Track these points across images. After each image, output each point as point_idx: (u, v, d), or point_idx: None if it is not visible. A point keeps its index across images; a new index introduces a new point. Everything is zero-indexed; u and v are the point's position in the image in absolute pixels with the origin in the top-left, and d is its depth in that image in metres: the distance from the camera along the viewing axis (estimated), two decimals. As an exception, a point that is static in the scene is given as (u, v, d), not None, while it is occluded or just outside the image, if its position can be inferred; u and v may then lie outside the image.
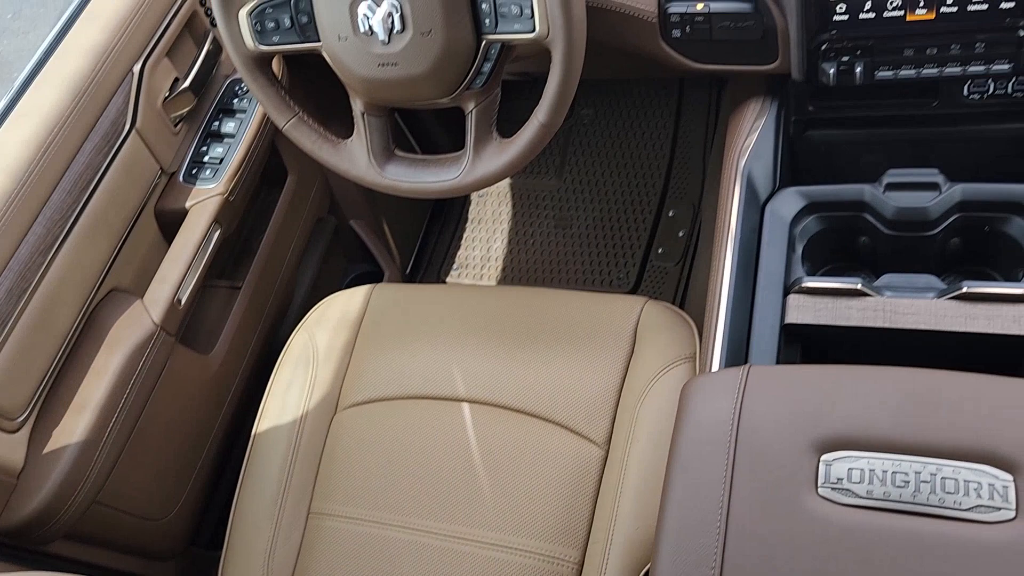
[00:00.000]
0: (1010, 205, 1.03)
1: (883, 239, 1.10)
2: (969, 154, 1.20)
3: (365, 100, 1.12)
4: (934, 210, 1.06)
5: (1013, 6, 0.98)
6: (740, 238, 1.10)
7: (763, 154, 1.17)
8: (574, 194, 1.97)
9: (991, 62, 1.04)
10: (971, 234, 1.08)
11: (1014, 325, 0.94)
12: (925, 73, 1.07)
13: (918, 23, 1.03)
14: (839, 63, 1.09)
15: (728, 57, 1.17)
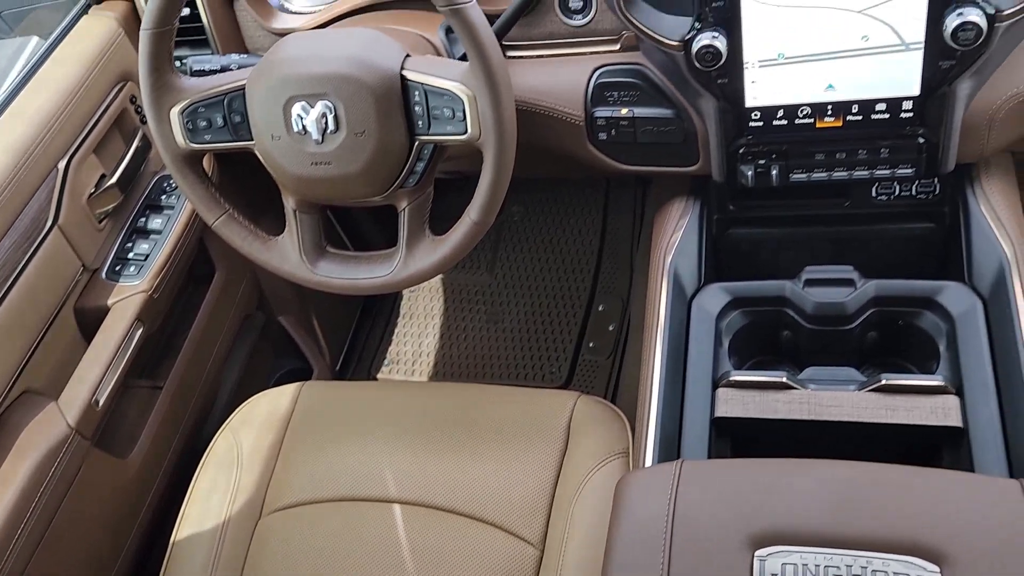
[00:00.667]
0: (920, 300, 1.08)
1: (805, 333, 1.14)
2: (881, 251, 1.26)
3: (297, 198, 1.12)
4: (850, 305, 1.10)
5: (912, 115, 1.05)
6: (668, 333, 1.12)
7: (688, 251, 1.21)
8: (506, 289, 1.99)
9: (895, 166, 1.11)
10: (886, 328, 1.12)
11: (931, 416, 0.97)
12: (836, 176, 1.13)
13: (827, 130, 1.09)
14: (756, 166, 1.15)
15: (652, 159, 1.22)
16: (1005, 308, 1.02)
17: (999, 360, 0.99)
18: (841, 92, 1.06)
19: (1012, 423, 0.93)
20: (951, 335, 1.05)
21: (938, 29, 0.97)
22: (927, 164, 1.09)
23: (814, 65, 1.04)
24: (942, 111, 1.04)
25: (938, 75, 1.01)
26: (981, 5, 0.95)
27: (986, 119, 1.07)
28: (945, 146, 1.07)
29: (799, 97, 1.08)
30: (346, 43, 1.03)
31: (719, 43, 1.03)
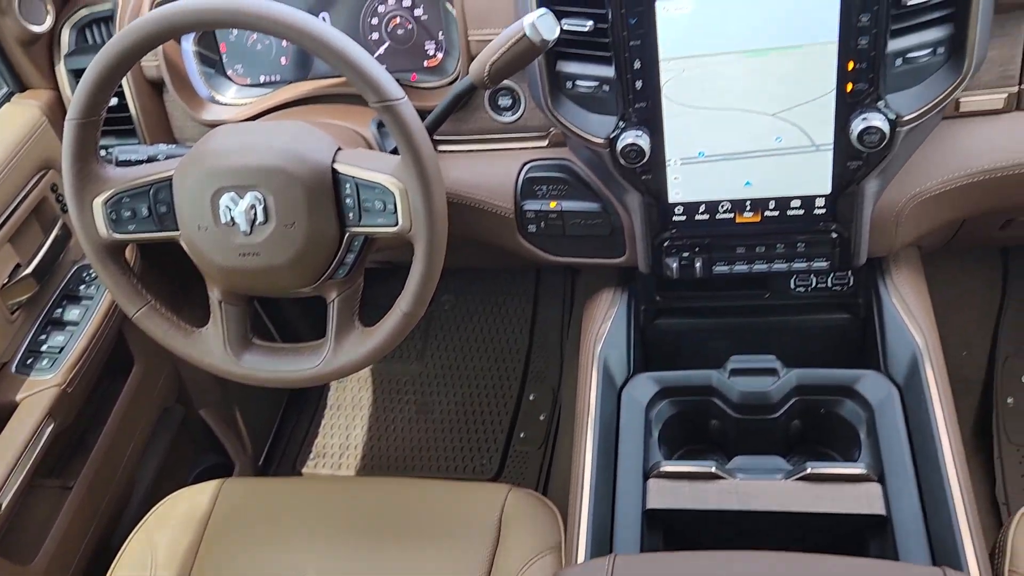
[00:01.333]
0: (840, 389, 1.11)
1: (732, 422, 1.15)
2: (802, 341, 1.30)
3: (223, 288, 1.10)
4: (774, 394, 1.12)
5: (825, 212, 1.10)
6: (599, 424, 1.12)
7: (617, 341, 1.23)
8: (436, 379, 1.97)
9: (811, 260, 1.15)
10: (810, 416, 1.15)
11: (856, 504, 0.99)
12: (756, 268, 1.17)
13: (747, 224, 1.14)
14: (681, 258, 1.18)
15: (580, 251, 1.24)
16: (920, 396, 1.05)
17: (917, 447, 1.02)
18: (758, 189, 1.11)
19: (932, 511, 0.95)
20: (871, 423, 1.08)
21: (845, 132, 1.03)
22: (841, 258, 1.14)
23: (733, 163, 1.09)
24: (852, 208, 1.10)
25: (847, 175, 1.07)
26: (883, 111, 1.01)
27: (893, 216, 1.12)
28: (856, 241, 1.12)
29: (719, 193, 1.12)
30: (277, 135, 1.04)
31: (643, 142, 1.07)
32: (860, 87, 1.00)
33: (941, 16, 0.98)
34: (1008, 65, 1.06)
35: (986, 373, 1.71)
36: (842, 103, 1.02)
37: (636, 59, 1.04)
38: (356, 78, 0.96)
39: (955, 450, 0.99)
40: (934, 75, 1.01)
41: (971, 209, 1.16)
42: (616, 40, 1.03)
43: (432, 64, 1.25)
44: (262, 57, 1.30)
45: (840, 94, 1.01)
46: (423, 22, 1.22)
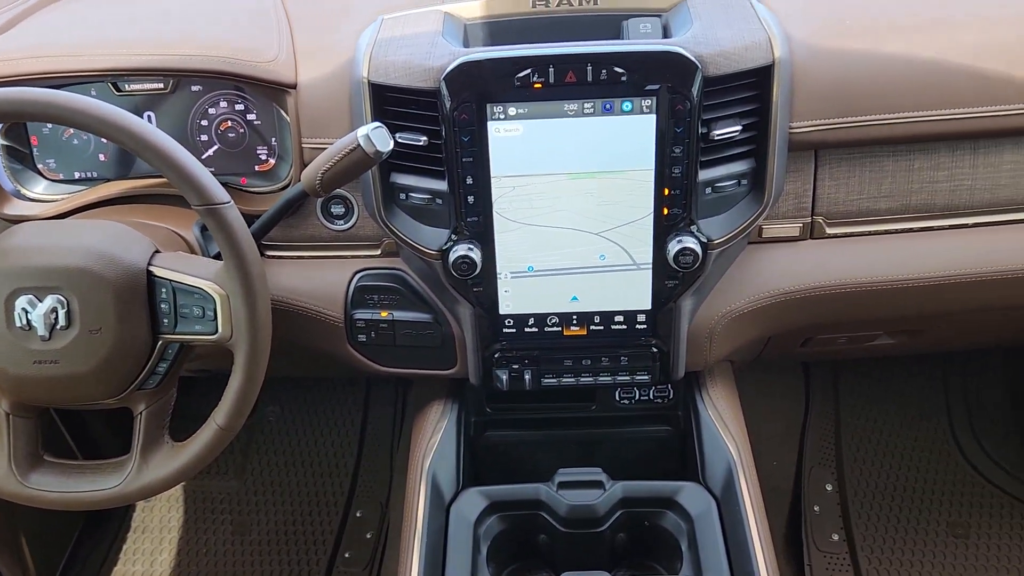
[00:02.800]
0: (662, 501, 1.14)
1: (560, 536, 1.15)
2: (627, 453, 1.33)
3: (13, 399, 0.99)
4: (601, 507, 1.13)
5: (645, 327, 1.15)
6: (426, 541, 1.08)
7: (446, 455, 1.21)
8: (256, 496, 1.85)
9: (634, 373, 1.19)
10: (635, 529, 1.16)
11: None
12: (583, 381, 1.20)
13: (573, 338, 1.17)
14: (511, 370, 1.19)
15: (411, 362, 1.23)
16: (735, 507, 1.10)
17: (733, 559, 1.05)
18: (584, 304, 1.15)
19: (750, 621, 0.97)
20: (692, 535, 1.10)
21: (663, 253, 1.10)
22: (661, 371, 1.19)
23: (560, 278, 1.13)
24: (670, 324, 1.16)
25: (665, 292, 1.13)
26: (696, 235, 1.09)
27: (707, 332, 1.19)
28: (675, 355, 1.18)
29: (548, 307, 1.15)
30: (86, 234, 0.97)
31: (474, 254, 1.09)
32: (675, 212, 1.08)
33: (743, 151, 1.08)
34: (803, 198, 1.17)
35: (794, 482, 1.81)
36: (659, 226, 1.08)
37: (468, 175, 1.06)
38: (178, 179, 0.92)
39: (768, 560, 1.02)
40: (739, 204, 1.10)
41: (775, 327, 1.25)
42: (449, 156, 1.06)
43: (264, 169, 1.23)
44: (78, 152, 1.23)
45: (657, 217, 1.08)
46: (256, 126, 1.21)
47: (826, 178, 1.17)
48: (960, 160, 1.16)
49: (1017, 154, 1.16)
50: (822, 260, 1.19)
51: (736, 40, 1.04)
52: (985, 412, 1.90)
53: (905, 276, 1.18)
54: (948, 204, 1.18)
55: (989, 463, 1.82)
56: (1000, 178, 1.16)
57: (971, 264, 1.18)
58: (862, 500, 1.77)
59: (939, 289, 1.19)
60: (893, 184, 1.17)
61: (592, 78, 1.02)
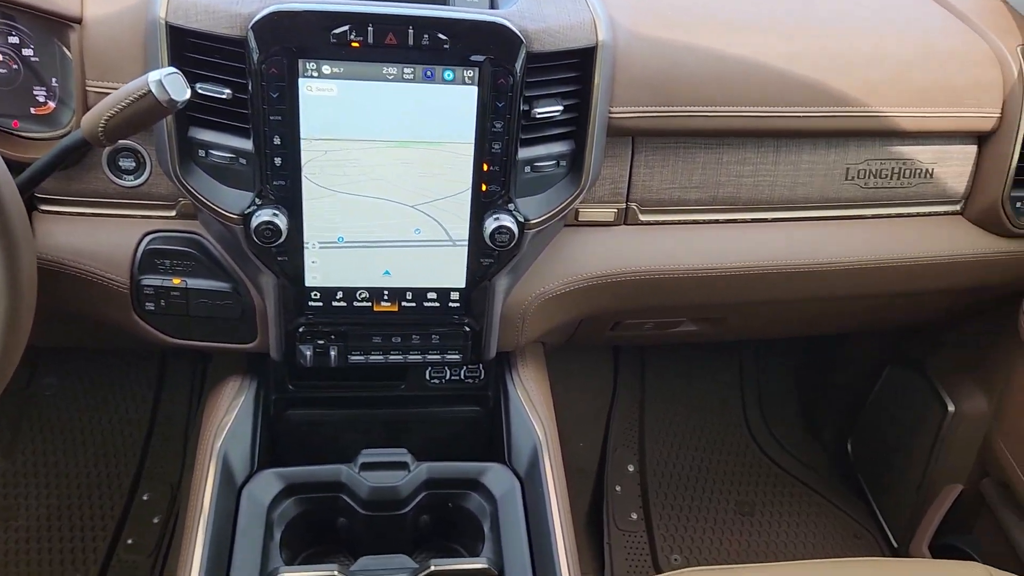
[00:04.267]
0: (467, 482, 1.12)
1: (360, 520, 1.10)
2: (435, 433, 1.30)
3: None
4: (404, 489, 1.10)
5: (459, 305, 1.13)
6: (213, 526, 1.00)
7: (240, 434, 1.13)
8: (25, 478, 1.67)
9: (445, 352, 1.17)
10: (438, 510, 1.14)
11: (478, 601, 0.98)
12: (392, 359, 1.16)
13: (384, 314, 1.12)
14: (315, 346, 1.13)
15: (206, 334, 1.14)
16: (539, 488, 1.09)
17: (534, 539, 1.04)
18: (397, 279, 1.10)
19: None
20: (494, 516, 1.09)
21: (479, 230, 1.07)
22: (472, 351, 1.17)
23: (372, 251, 1.07)
24: (484, 303, 1.13)
25: (480, 270, 1.10)
26: (514, 213, 1.07)
27: (520, 313, 1.18)
28: (487, 335, 1.16)
29: (358, 281, 1.09)
30: None
31: (279, 221, 1.02)
32: (493, 188, 1.05)
33: (563, 132, 1.07)
34: (619, 183, 1.18)
35: (599, 463, 1.86)
36: (477, 202, 1.06)
37: (276, 135, 0.99)
38: None
39: (567, 540, 1.03)
40: (557, 185, 1.09)
41: (587, 310, 1.26)
42: (255, 113, 0.98)
43: (42, 112, 1.08)
44: None
45: (475, 193, 1.05)
46: (32, 63, 1.06)
47: (641, 165, 1.18)
48: (764, 157, 1.21)
49: (814, 155, 1.22)
50: (634, 246, 1.21)
51: (561, 19, 1.03)
52: (774, 399, 2.03)
53: (709, 266, 1.22)
54: (751, 198, 1.23)
55: (776, 446, 1.95)
56: (799, 176, 1.23)
57: (768, 257, 1.24)
58: (660, 480, 1.84)
59: (739, 280, 1.24)
60: (703, 176, 1.20)
61: (414, 42, 0.97)
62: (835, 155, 1.23)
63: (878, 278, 1.30)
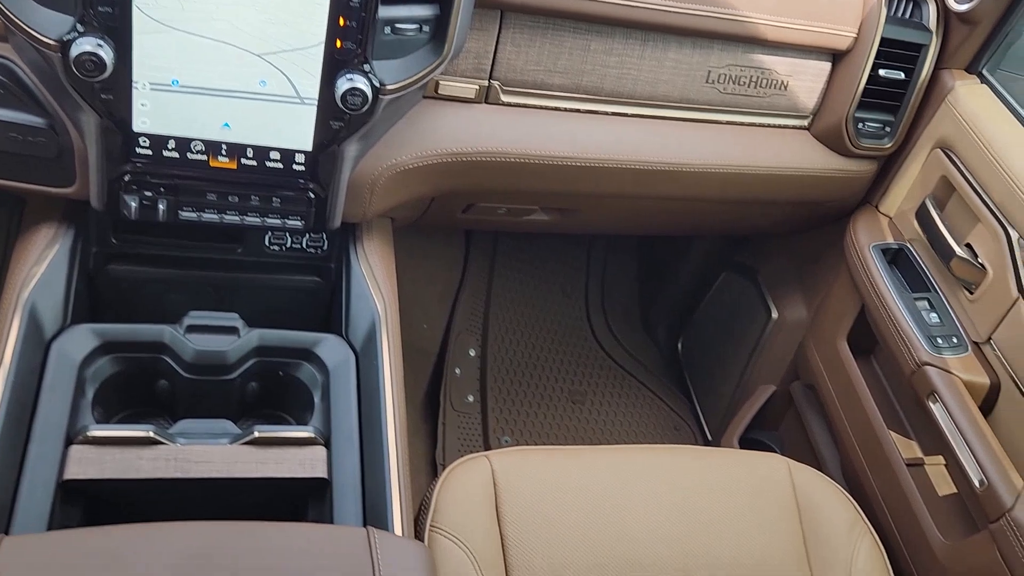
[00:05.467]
0: (300, 352, 1.09)
1: (183, 383, 1.05)
2: (271, 301, 1.25)
3: None
4: (232, 354, 1.05)
5: (304, 169, 1.07)
6: (15, 381, 0.93)
7: (52, 284, 1.04)
8: None
9: (287, 217, 1.11)
10: (268, 379, 1.10)
11: (299, 468, 0.97)
12: (228, 219, 1.09)
13: (221, 170, 1.05)
14: (142, 197, 1.05)
15: (15, 172, 1.03)
16: (373, 361, 1.08)
17: (364, 412, 1.04)
18: (237, 133, 1.03)
19: (370, 473, 0.97)
20: (326, 387, 1.07)
21: (330, 90, 1.00)
22: (316, 218, 1.12)
23: (211, 100, 0.99)
24: (331, 169, 1.08)
25: (329, 134, 1.04)
26: (368, 76, 1.01)
27: (369, 183, 1.14)
28: (332, 203, 1.11)
29: (193, 131, 1.01)
30: None
31: (104, 53, 0.91)
32: (348, 46, 0.98)
33: (429, -6, 1.01)
34: (483, 59, 1.14)
35: (441, 346, 1.87)
36: (330, 59, 0.99)
37: (103, -47, 0.88)
38: None
39: (398, 414, 1.03)
40: (418, 51, 1.03)
41: (439, 187, 1.23)
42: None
43: None
44: None
45: (329, 49, 0.98)
46: None
47: (508, 42, 1.14)
48: (631, 50, 1.19)
49: (680, 54, 1.22)
50: (493, 127, 1.18)
51: None
52: (616, 296, 2.10)
53: (566, 154, 1.22)
54: (614, 90, 1.22)
55: (612, 340, 2.02)
56: (662, 73, 1.22)
57: (624, 152, 1.25)
58: (499, 366, 1.88)
59: (594, 172, 1.24)
60: (569, 61, 1.18)
61: None
62: (699, 57, 1.24)
63: (725, 183, 1.34)
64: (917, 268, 1.35)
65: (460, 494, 1.09)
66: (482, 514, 1.09)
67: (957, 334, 1.26)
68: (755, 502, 1.17)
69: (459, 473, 1.12)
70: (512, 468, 1.14)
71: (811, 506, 1.20)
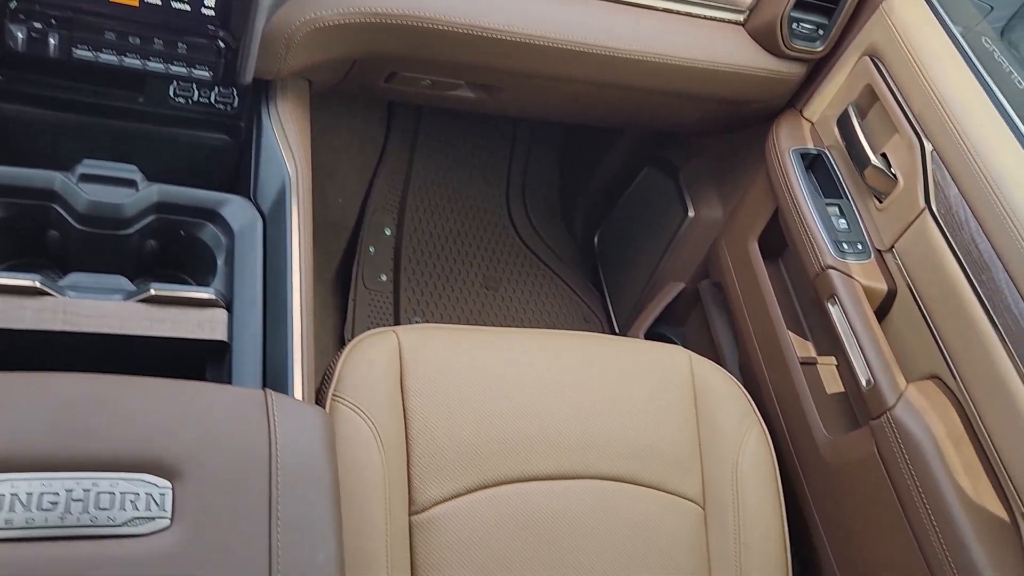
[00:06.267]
0: (204, 212, 1.04)
1: (75, 235, 1.00)
2: (174, 157, 1.18)
3: None
4: (129, 208, 1.00)
5: (213, 15, 0.99)
6: None
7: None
8: None
9: (193, 66, 1.04)
10: (168, 237, 1.05)
11: (198, 330, 0.93)
12: (128, 62, 1.01)
13: (121, 6, 0.96)
14: (31, 28, 0.96)
15: None
16: (282, 226, 1.04)
17: (270, 277, 1.00)
18: (138, -34, 0.94)
19: (272, 338, 0.95)
20: (230, 249, 1.03)
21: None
22: (226, 70, 1.05)
23: (110, -75, 0.90)
24: (244, 18, 1.01)
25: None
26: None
27: (285, 38, 1.07)
28: (244, 55, 1.04)
29: (89, -42, 0.92)
30: None
31: None
32: None
33: None
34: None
35: (356, 222, 1.83)
36: None
37: None
38: None
39: (305, 282, 1.00)
40: None
41: (361, 49, 1.17)
42: None
43: None
44: None
45: None
46: None
47: None
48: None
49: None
50: (422, -11, 1.12)
51: None
52: (538, 184, 2.08)
53: (494, 27, 1.17)
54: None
55: (530, 229, 2.02)
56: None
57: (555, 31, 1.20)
58: (414, 247, 1.85)
59: (523, 48, 1.20)
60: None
61: None
62: (641, -64, 1.19)
63: (656, 73, 1.31)
64: (832, 175, 1.37)
65: (365, 366, 1.09)
66: (386, 387, 1.08)
67: (862, 241, 1.29)
68: (655, 389, 1.21)
69: (365, 346, 1.11)
70: (419, 344, 1.13)
71: (707, 397, 1.24)
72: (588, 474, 1.12)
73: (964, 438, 1.08)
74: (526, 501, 1.08)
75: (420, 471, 1.05)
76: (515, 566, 1.04)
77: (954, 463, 1.05)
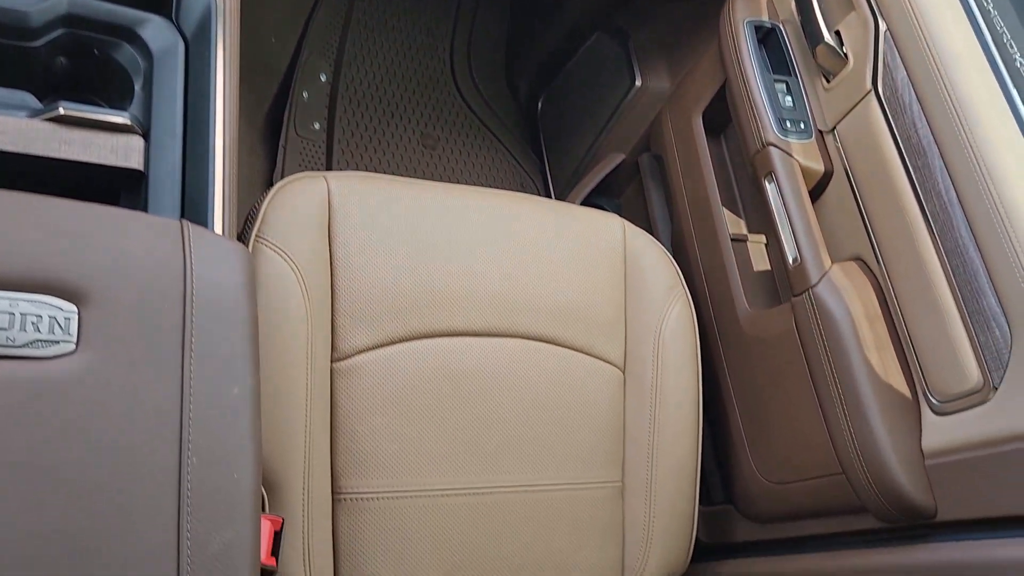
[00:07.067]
0: (120, 29, 0.96)
1: (-25, 42, 0.91)
2: None
3: None
4: (36, 17, 0.91)
5: None
6: None
7: None
8: None
9: None
10: (81, 56, 0.97)
11: (111, 156, 0.88)
12: None
13: None
14: None
15: None
16: (205, 52, 0.97)
17: (191, 106, 0.94)
18: None
19: (192, 170, 0.90)
20: (148, 74, 0.96)
21: None
22: None
23: None
24: None
25: None
26: None
27: None
28: None
29: None
30: None
31: None
32: None
33: None
34: None
35: (289, 65, 1.73)
36: None
37: None
38: None
39: (229, 112, 0.94)
40: None
41: None
42: None
43: None
44: None
45: None
46: None
47: None
48: None
49: None
50: None
51: None
52: (484, 45, 1.99)
53: None
54: None
55: (473, 90, 1.95)
56: None
57: None
58: (351, 97, 1.78)
59: None
60: None
61: None
62: None
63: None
64: (784, 50, 1.34)
65: (291, 209, 1.05)
66: (312, 232, 1.05)
67: (805, 120, 1.28)
68: (586, 253, 1.20)
69: (294, 189, 1.07)
70: (350, 191, 1.09)
71: (637, 266, 1.24)
72: (513, 332, 1.12)
73: (880, 318, 1.11)
74: (449, 355, 1.08)
75: (344, 319, 1.04)
76: (435, 417, 1.05)
77: (867, 341, 1.08)
